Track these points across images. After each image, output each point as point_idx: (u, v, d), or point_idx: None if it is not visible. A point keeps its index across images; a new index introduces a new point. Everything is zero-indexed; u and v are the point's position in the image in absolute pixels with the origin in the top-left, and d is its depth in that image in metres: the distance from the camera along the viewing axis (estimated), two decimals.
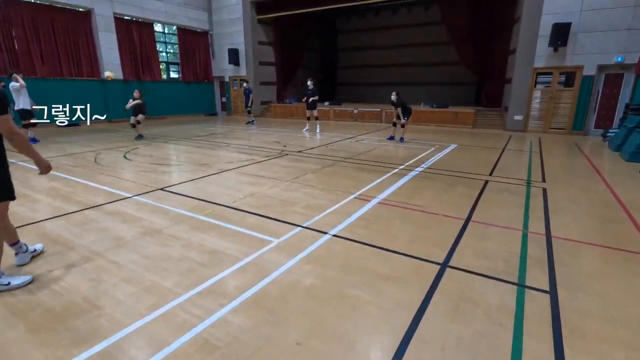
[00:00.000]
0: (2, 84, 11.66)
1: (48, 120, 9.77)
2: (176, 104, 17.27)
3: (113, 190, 4.83)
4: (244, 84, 14.23)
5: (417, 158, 7.12)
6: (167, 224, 3.67)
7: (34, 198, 4.51)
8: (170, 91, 17.07)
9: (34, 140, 9.17)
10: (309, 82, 11.37)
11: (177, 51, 17.38)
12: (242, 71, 17.64)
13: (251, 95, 14.09)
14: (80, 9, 13.28)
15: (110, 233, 3.45)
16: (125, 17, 14.69)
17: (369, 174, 5.81)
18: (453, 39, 14.36)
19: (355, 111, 15.20)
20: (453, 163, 6.70)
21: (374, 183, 5.23)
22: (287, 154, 7.52)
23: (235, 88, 18.45)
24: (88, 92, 13.91)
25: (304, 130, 11.78)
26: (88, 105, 10.80)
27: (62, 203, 4.32)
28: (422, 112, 13.69)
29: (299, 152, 7.83)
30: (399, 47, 19.77)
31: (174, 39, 17.31)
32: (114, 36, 14.21)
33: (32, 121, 9.02)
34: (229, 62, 17.58)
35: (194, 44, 17.67)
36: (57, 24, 12.73)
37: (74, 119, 13.06)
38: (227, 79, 18.50)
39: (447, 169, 6.19)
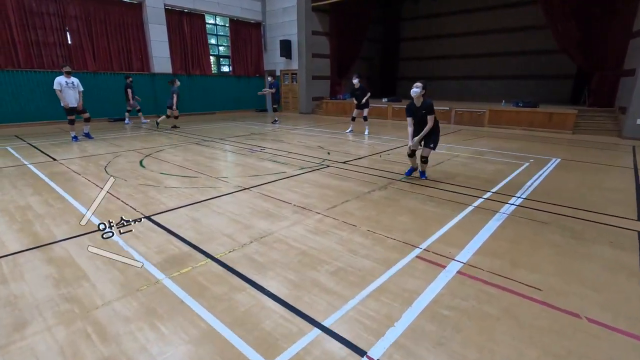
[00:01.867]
0: (130, 79, 11.77)
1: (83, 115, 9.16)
2: (225, 99, 16.59)
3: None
4: (269, 78, 12.78)
5: (507, 180, 5.08)
6: (111, 295, 2.31)
7: None
8: (220, 86, 16.40)
9: (89, 136, 8.71)
10: (355, 80, 9.41)
11: (228, 44, 16.63)
12: (294, 64, 16.37)
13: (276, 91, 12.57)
14: (131, 1, 12.94)
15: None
16: (176, 9, 14.16)
17: (438, 206, 3.99)
18: (552, 18, 11.41)
19: None
20: (566, 192, 4.57)
21: (447, 226, 3.43)
22: (328, 166, 5.92)
23: (286, 83, 17.28)
24: (137, 86, 13.64)
25: (347, 131, 10.12)
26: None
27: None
28: (503, 113, 11.16)
29: (344, 162, 6.20)
30: (472, 35, 16.99)
31: (226, 31, 16.57)
32: (165, 28, 13.74)
33: (84, 116, 8.50)
34: (281, 55, 16.41)
35: (246, 36, 16.79)
36: (109, 17, 12.48)
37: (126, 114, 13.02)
38: (278, 73, 17.39)
39: (561, 202, 4.11)
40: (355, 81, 9.19)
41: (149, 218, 3.62)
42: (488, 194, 4.40)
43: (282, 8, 16.13)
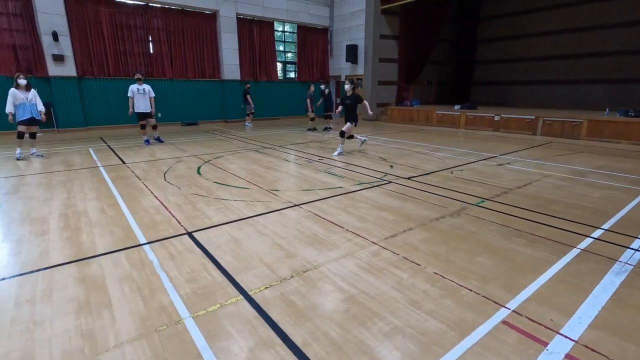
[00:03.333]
0: (249, 85, 12.83)
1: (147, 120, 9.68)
2: (290, 105, 16.69)
3: (133, 226, 3.55)
4: (322, 86, 12.31)
5: (623, 212, 3.95)
6: (127, 334, 2.01)
7: (18, 231, 3.54)
8: (286, 92, 16.56)
9: (159, 140, 9.22)
10: (347, 86, 7.56)
11: (295, 50, 16.73)
12: (360, 69, 15.86)
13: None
14: (207, 11, 13.61)
15: None
16: (247, 17, 14.58)
17: (530, 245, 3.14)
18: None
19: (496, 118, 11.65)
20: None
21: (545, 276, 2.61)
22: (389, 182, 5.28)
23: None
24: (208, 92, 14.30)
25: (336, 154, 7.52)
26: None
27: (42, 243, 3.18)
28: (607, 123, 9.35)
29: (408, 178, 5.50)
30: (567, 32, 14.81)
31: (293, 38, 16.70)
32: (236, 37, 14.21)
33: (149, 123, 8.97)
34: (346, 60, 16.04)
35: (313, 41, 16.75)
36: (186, 27, 13.26)
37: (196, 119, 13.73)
38: (343, 79, 17.02)
39: None
40: (347, 87, 7.46)
41: (190, 235, 3.37)
42: (599, 232, 3.40)
43: (350, 12, 15.76)
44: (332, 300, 2.34)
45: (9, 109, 6.71)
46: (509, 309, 2.23)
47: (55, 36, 10.60)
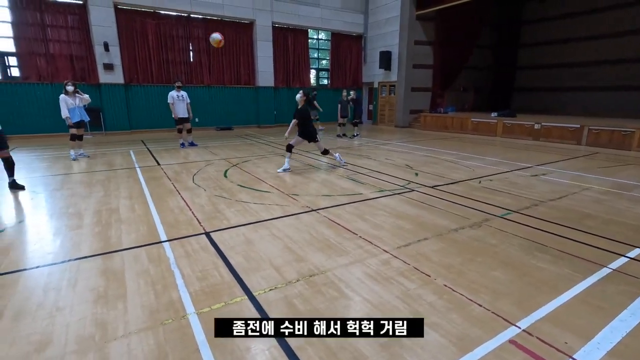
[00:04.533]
0: (315, 93, 13.04)
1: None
2: (322, 111, 16.81)
3: (157, 225, 3.76)
4: (352, 93, 12.22)
5: None
6: (135, 325, 2.13)
7: (47, 226, 3.84)
8: (319, 98, 16.71)
9: (193, 144, 9.69)
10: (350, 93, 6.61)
11: (329, 57, 16.91)
12: (393, 76, 15.70)
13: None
14: (244, 21, 14.14)
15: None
16: (283, 26, 14.97)
17: (554, 262, 2.95)
18: None
19: (537, 126, 11.03)
20: None
21: (566, 296, 2.43)
22: (412, 190, 5.17)
23: (383, 95, 16.70)
24: (243, 99, 14.80)
25: (343, 163, 6.93)
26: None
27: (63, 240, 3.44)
28: None
29: (432, 186, 5.35)
30: (617, 36, 13.77)
31: (327, 45, 16.89)
32: (271, 45, 14.63)
33: (185, 127, 9.46)
34: (380, 67, 15.95)
35: (346, 49, 16.84)
36: (225, 36, 13.79)
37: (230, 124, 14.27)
38: (376, 85, 16.94)
39: None
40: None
41: (207, 235, 3.51)
42: (636, 251, 3.12)
43: (385, 19, 15.69)
44: (333, 306, 2.33)
45: (65, 113, 7.33)
46: (519, 327, 2.11)
47: (106, 46, 11.50)
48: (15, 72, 11.16)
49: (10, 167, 5.21)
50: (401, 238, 3.42)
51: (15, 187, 5.18)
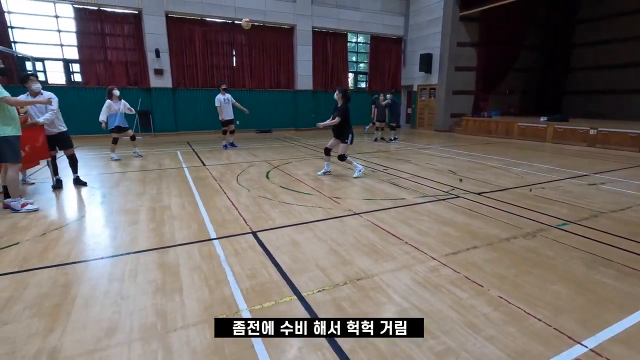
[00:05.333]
0: (376, 96, 12.93)
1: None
2: (359, 114, 16.73)
3: (207, 223, 3.92)
4: (388, 96, 11.95)
5: None
6: (192, 317, 2.23)
7: (106, 219, 4.09)
8: (356, 101, 16.66)
9: (233, 145, 10.06)
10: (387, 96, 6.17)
11: (367, 60, 16.83)
12: (434, 79, 15.34)
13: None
14: (285, 26, 14.44)
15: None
16: (322, 30, 15.12)
17: (620, 279, 2.73)
18: None
19: (592, 131, 10.29)
20: None
21: (636, 317, 2.24)
22: (457, 196, 5.01)
23: (423, 98, 16.36)
24: (282, 102, 15.09)
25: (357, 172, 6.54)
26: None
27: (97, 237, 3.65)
28: None
29: (478, 193, 5.15)
30: None
31: (366, 48, 16.84)
32: (310, 49, 14.83)
33: (229, 128, 9.81)
34: (420, 70, 15.65)
35: (385, 52, 16.68)
36: (266, 41, 14.23)
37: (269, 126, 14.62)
38: (415, 89, 16.62)
39: None
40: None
41: (254, 234, 3.61)
42: None
43: (427, 21, 15.38)
44: (383, 311, 2.31)
45: (102, 117, 7.72)
46: (585, 346, 1.97)
47: (157, 53, 12.21)
48: (77, 77, 12.15)
49: (74, 165, 5.66)
50: (449, 245, 3.32)
51: (78, 183, 5.63)
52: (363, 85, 17.35)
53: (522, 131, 12.17)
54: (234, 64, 13.97)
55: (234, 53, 13.87)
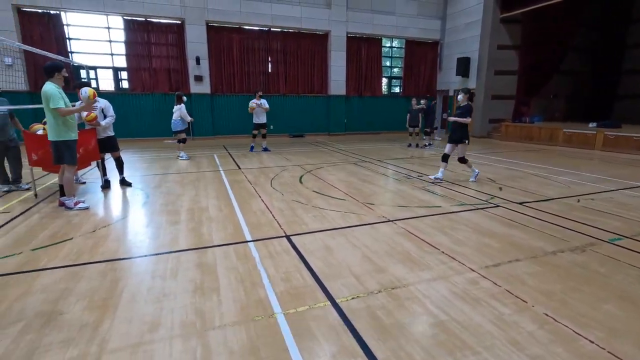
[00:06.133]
0: (435, 102, 13.26)
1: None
2: (393, 119, 16.56)
3: (242, 225, 4.01)
4: (422, 102, 11.60)
5: None
6: (229, 317, 2.29)
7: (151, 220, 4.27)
8: (389, 106, 16.52)
9: (266, 149, 10.33)
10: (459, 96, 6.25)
11: (402, 65, 16.63)
12: (471, 83, 14.84)
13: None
14: (319, 32, 14.60)
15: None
16: (357, 35, 15.13)
17: None
18: None
19: None
20: None
21: None
22: (497, 205, 4.80)
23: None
24: (315, 107, 15.23)
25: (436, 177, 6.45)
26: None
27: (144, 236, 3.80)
28: None
29: (520, 203, 4.90)
30: None
31: (400, 53, 16.64)
32: (344, 54, 14.89)
33: (260, 132, 10.18)
34: (457, 74, 15.22)
35: (421, 56, 16.40)
36: (300, 47, 14.46)
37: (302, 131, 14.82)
38: (451, 93, 16.18)
39: None
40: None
41: (288, 238, 3.65)
42: None
43: (465, 24, 14.97)
44: (419, 322, 2.25)
45: (188, 118, 8.61)
46: None
47: (197, 60, 12.77)
48: (124, 84, 12.95)
49: (120, 166, 6.02)
50: (489, 257, 3.18)
51: (124, 183, 5.97)
52: (397, 90, 17.14)
53: (568, 138, 11.47)
54: (269, 70, 14.30)
55: (269, 59, 14.20)
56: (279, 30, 14.00)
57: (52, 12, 11.39)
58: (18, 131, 5.55)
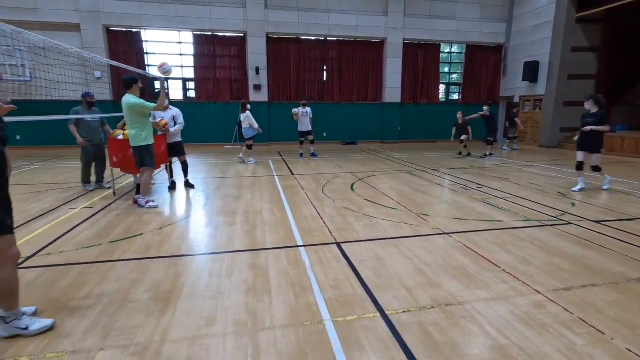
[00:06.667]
0: (517, 109, 12.93)
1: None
2: (451, 127, 15.82)
3: (294, 230, 4.10)
4: (485, 108, 10.76)
5: None
6: (279, 319, 2.34)
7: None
8: (447, 114, 15.80)
9: (314, 155, 10.60)
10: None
11: (461, 71, 15.91)
12: (540, 89, 13.76)
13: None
14: (375, 40, 14.55)
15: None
16: (414, 42, 14.82)
17: None
18: None
19: None
20: None
21: None
22: (568, 222, 4.35)
23: (526, 110, 14.76)
24: (369, 114, 15.13)
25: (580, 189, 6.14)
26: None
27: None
28: None
29: (597, 221, 4.39)
30: None
31: (460, 58, 15.94)
32: (400, 61, 14.65)
33: (305, 139, 10.55)
34: (523, 79, 14.20)
35: (482, 61, 15.56)
36: (356, 55, 14.52)
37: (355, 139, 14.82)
38: (516, 99, 15.10)
39: None
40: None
41: (338, 245, 3.65)
42: None
43: (533, 25, 13.95)
44: (476, 343, 2.11)
45: (257, 126, 9.09)
46: None
47: (257, 70, 13.42)
48: (191, 93, 14.02)
49: (185, 169, 6.50)
50: (558, 279, 2.89)
51: (188, 185, 6.44)
52: (455, 96, 16.42)
53: None
54: (324, 78, 14.54)
55: (324, 68, 14.46)
56: (335, 39, 14.21)
57: (134, 30, 12.76)
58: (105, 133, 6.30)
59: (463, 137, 10.91)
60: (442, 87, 16.12)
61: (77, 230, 4.12)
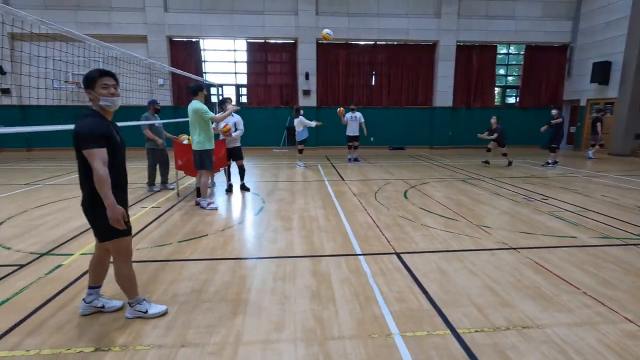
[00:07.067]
0: (602, 113, 11.88)
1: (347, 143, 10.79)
2: (508, 133, 14.92)
3: (350, 237, 4.10)
4: (553, 112, 9.87)
5: None
6: (347, 330, 2.34)
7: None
8: (503, 119, 14.86)
9: (356, 159, 10.62)
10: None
11: (519, 73, 15.00)
12: (612, 91, 12.59)
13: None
14: (427, 43, 14.19)
15: None
16: (468, 44, 14.25)
17: None
18: None
19: None
20: None
21: None
22: None
23: (593, 114, 13.54)
24: (418, 119, 14.77)
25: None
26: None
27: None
28: None
29: None
30: None
31: (518, 60, 15.04)
32: (452, 64, 14.16)
33: (353, 144, 10.59)
34: (592, 81, 13.08)
35: (544, 62, 14.56)
36: (406, 59, 14.27)
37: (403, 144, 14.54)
38: (583, 103, 13.94)
39: None
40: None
41: (398, 255, 3.59)
42: None
43: (605, 23, 12.82)
44: None
45: (312, 124, 9.36)
46: None
47: (307, 76, 13.66)
48: (243, 99, 14.59)
49: (242, 173, 6.75)
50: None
51: (243, 188, 6.69)
52: (512, 100, 15.51)
53: None
54: (373, 83, 14.44)
55: (373, 72, 14.36)
56: (384, 43, 14.06)
57: (193, 39, 13.57)
58: (168, 139, 6.73)
59: (490, 145, 10.11)
60: (497, 90, 15.31)
61: (149, 229, 4.44)
